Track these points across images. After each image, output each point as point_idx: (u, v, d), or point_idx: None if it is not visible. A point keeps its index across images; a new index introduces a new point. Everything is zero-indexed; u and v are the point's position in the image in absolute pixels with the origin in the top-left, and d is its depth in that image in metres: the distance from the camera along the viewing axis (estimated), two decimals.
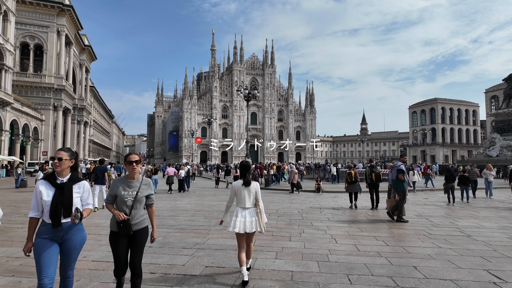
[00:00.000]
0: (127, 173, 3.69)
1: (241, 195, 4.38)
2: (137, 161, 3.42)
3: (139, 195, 3.35)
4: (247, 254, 4.38)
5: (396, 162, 9.48)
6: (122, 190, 3.34)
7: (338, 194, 17.44)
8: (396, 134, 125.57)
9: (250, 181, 4.46)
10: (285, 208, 11.16)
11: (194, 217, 9.11)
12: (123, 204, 3.30)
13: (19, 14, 45.73)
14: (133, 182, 3.41)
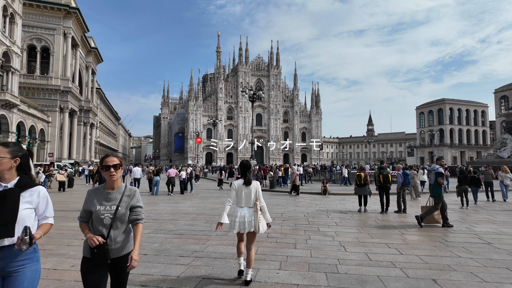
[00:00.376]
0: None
1: (241, 194, 4.31)
2: (116, 166, 2.63)
3: (120, 211, 2.57)
4: (248, 262, 4.25)
5: (434, 165, 8.87)
6: (98, 204, 2.57)
7: (345, 196, 16.90)
8: (403, 135, 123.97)
9: (251, 180, 4.37)
10: (291, 212, 10.70)
11: (195, 221, 8.71)
12: (100, 223, 2.54)
13: (26, 17, 46.16)
14: (112, 194, 2.63)
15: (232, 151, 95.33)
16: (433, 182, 8.51)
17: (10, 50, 36.52)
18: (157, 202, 13.08)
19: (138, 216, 2.67)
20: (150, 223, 8.26)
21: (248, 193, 4.31)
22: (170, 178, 16.90)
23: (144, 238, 6.59)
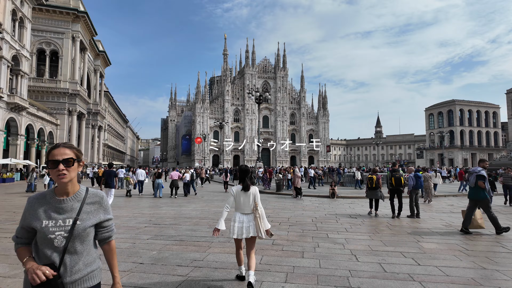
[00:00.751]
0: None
1: (240, 200, 4.25)
2: (67, 161, 1.78)
3: (79, 226, 1.76)
4: (249, 265, 4.17)
5: (475, 168, 8.34)
6: (45, 218, 1.76)
7: (354, 200, 16.35)
8: (412, 137, 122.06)
9: (249, 186, 4.30)
10: (298, 216, 10.24)
11: (197, 226, 8.34)
12: (48, 246, 1.73)
13: (36, 21, 46.84)
14: (67, 202, 1.80)
15: (239, 153, 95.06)
16: (474, 185, 7.99)
17: (19, 54, 36.99)
18: (160, 206, 12.77)
19: (110, 233, 1.94)
20: (150, 228, 7.93)
21: (247, 198, 4.25)
22: (173, 181, 16.71)
23: (142, 244, 6.25)
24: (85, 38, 55.14)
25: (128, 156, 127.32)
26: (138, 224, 8.49)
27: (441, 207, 13.76)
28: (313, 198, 16.82)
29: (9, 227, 7.91)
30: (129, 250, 5.81)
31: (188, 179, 17.25)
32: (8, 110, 34.83)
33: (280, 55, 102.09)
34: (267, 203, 14.01)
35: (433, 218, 10.51)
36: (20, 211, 10.98)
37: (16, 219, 9.23)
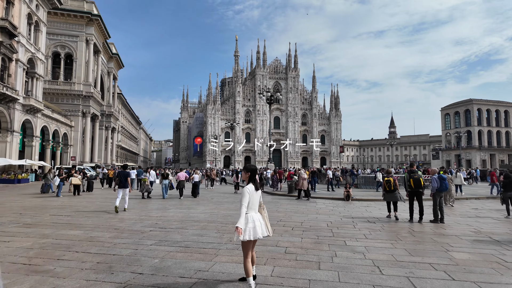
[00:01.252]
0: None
1: (253, 199, 4.21)
2: None
3: None
4: (253, 260, 4.28)
5: None
6: None
7: (370, 202, 15.59)
8: (427, 137, 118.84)
9: (259, 186, 4.36)
10: (312, 220, 9.64)
11: (205, 230, 7.87)
12: None
13: (51, 25, 47.79)
14: None
15: (250, 154, 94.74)
16: None
17: (35, 57, 37.68)
18: (168, 208, 12.39)
19: None
20: (156, 233, 7.52)
21: (257, 198, 4.29)
22: (180, 182, 16.59)
23: (144, 251, 5.82)
24: (99, 41, 55.95)
25: (141, 157, 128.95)
26: (143, 227, 8.11)
27: (465, 211, 12.88)
28: (327, 201, 16.14)
29: (11, 230, 7.66)
30: (130, 258, 5.39)
31: (197, 180, 17.08)
32: (24, 112, 35.48)
33: (291, 56, 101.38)
34: (278, 206, 13.46)
35: (459, 223, 9.72)
36: (29, 212, 10.82)
37: (21, 221, 9.01)
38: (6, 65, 32.35)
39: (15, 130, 33.70)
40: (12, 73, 33.16)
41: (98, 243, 6.37)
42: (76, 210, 11.47)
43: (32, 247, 6.00)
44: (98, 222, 8.86)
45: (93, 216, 10.02)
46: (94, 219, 9.41)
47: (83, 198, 15.77)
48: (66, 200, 14.85)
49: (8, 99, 31.77)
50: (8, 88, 31.17)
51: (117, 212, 10.73)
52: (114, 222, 8.82)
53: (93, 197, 16.39)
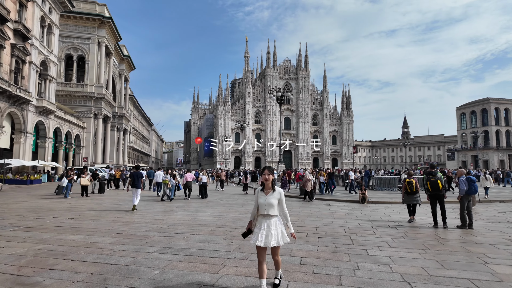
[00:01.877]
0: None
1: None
2: None
3: None
4: (275, 265, 4.16)
5: None
6: None
7: (388, 205, 14.76)
8: (442, 137, 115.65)
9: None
10: (327, 225, 8.97)
11: (212, 236, 7.32)
12: None
13: (64, 28, 48.49)
14: None
15: (260, 155, 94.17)
16: None
17: (47, 59, 38.15)
18: (175, 210, 11.91)
19: None
20: (160, 238, 7.01)
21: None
22: (187, 183, 16.54)
23: (145, 260, 5.30)
24: (110, 43, 56.52)
25: (152, 158, 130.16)
26: (147, 232, 7.62)
27: (492, 215, 11.95)
28: (341, 203, 15.39)
29: (9, 234, 7.28)
30: (128, 268, 4.87)
31: (205, 181, 17.00)
32: (37, 113, 35.91)
33: (302, 56, 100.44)
34: (290, 208, 12.81)
35: (489, 229, 8.87)
36: (32, 215, 10.53)
37: (22, 224, 8.67)
38: (19, 67, 32.78)
39: (28, 132, 34.10)
40: (25, 75, 33.59)
41: (97, 249, 5.89)
42: (80, 212, 11.12)
43: (26, 254, 5.58)
44: (101, 225, 8.44)
45: (97, 218, 9.62)
46: (97, 222, 9.01)
47: (91, 200, 15.50)
48: (74, 201, 14.59)
49: (22, 101, 32.16)
50: (21, 90, 31.54)
51: (133, 210, 11.48)
52: (118, 226, 8.38)
53: (101, 199, 16.12)
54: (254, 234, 3.94)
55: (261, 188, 4.11)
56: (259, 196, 4.02)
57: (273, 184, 4.07)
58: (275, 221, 3.97)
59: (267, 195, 3.98)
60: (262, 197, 3.98)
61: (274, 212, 3.96)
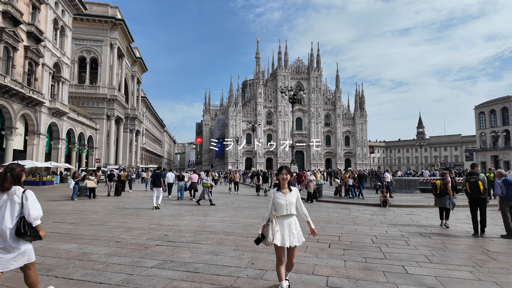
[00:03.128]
0: None
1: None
2: None
3: None
4: (288, 267, 4.04)
5: None
6: None
7: (412, 209, 13.59)
8: (459, 137, 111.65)
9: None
10: (351, 233, 7.97)
11: (221, 246, 6.45)
12: None
13: (78, 31, 49.00)
14: None
15: (272, 156, 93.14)
16: None
17: (60, 61, 38.42)
18: (183, 214, 11.11)
19: None
20: (162, 248, 6.20)
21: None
22: (193, 183, 16.67)
23: (140, 277, 4.46)
24: (122, 45, 56.83)
25: (165, 159, 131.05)
26: (149, 241, 6.83)
27: None
28: (361, 207, 14.29)
29: None
30: None
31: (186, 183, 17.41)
32: (50, 115, 36.12)
33: (314, 55, 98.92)
34: None
35: None
36: None
37: None
38: (32, 69, 33.01)
39: (41, 133, 34.29)
40: (38, 77, 33.81)
41: (89, 263, 5.12)
42: (83, 216, 10.49)
43: None
44: (101, 232, 7.73)
45: (98, 224, 8.93)
46: (97, 228, 8.30)
47: (97, 202, 14.95)
48: (79, 204, 14.06)
49: (35, 103, 32.33)
50: (34, 92, 31.70)
51: (156, 208, 12.43)
52: (118, 233, 7.64)
53: (109, 201, 15.56)
54: (275, 236, 3.82)
55: (277, 189, 4.04)
56: (277, 196, 3.95)
57: (289, 184, 4.09)
58: (295, 220, 4.01)
59: (286, 194, 3.96)
60: (281, 197, 3.94)
61: (294, 211, 4.01)
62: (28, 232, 3.25)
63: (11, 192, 3.33)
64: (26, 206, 3.31)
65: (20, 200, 3.32)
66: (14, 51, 29.58)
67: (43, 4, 34.08)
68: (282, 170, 4.04)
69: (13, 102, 29.33)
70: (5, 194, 3.31)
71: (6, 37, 28.15)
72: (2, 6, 27.61)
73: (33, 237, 3.31)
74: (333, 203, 15.88)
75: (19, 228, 3.23)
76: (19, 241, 3.26)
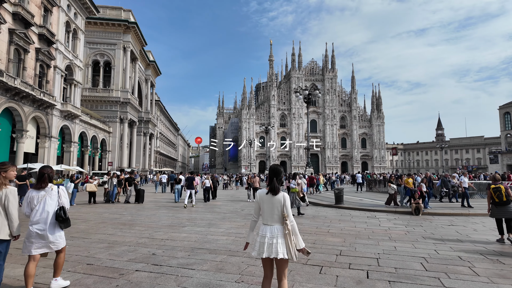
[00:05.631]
0: None
1: (264, 207, 3.43)
2: None
3: None
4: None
5: None
6: None
7: (451, 218, 11.60)
8: (482, 139, 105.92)
9: (277, 189, 3.41)
10: (391, 254, 6.19)
11: (220, 273, 4.79)
12: None
13: (91, 35, 49.14)
14: None
15: (286, 159, 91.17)
16: None
17: (73, 64, 38.20)
18: (183, 225, 9.49)
19: None
20: (142, 276, 4.62)
21: (272, 206, 3.37)
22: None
23: None
24: (136, 48, 56.74)
25: (179, 162, 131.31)
26: (129, 263, 5.32)
27: None
28: (390, 215, 12.40)
29: None
30: None
31: (208, 185, 17.44)
32: (62, 118, 35.81)
33: (328, 56, 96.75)
34: (329, 222, 10.15)
35: None
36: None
37: None
38: (44, 72, 32.74)
39: (53, 136, 33.93)
40: (50, 80, 33.53)
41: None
42: (80, 225, 9.14)
43: None
44: (76, 248, 6.27)
45: (81, 236, 7.53)
46: (77, 242, 6.89)
47: (95, 208, 13.70)
48: (75, 210, 12.82)
49: (46, 105, 31.98)
50: (45, 94, 31.35)
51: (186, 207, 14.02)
52: (97, 250, 6.15)
53: (108, 207, 14.32)
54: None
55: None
56: (264, 200, 3.44)
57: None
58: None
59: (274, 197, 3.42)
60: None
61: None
62: (67, 218, 4.12)
63: (48, 189, 4.16)
64: (63, 198, 4.23)
65: (57, 194, 4.22)
66: (25, 53, 29.29)
67: (55, 7, 33.88)
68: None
69: (23, 104, 28.98)
70: (43, 190, 4.13)
71: (17, 39, 27.84)
72: (13, 8, 27.35)
73: (66, 222, 4.15)
74: (356, 210, 14.04)
75: (59, 215, 4.06)
76: (56, 229, 4.08)
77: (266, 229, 3.34)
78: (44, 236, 3.92)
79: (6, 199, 3.78)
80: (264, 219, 3.42)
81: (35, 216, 3.98)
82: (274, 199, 3.37)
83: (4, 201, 3.78)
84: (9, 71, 26.94)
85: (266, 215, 3.39)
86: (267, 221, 3.39)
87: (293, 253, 3.26)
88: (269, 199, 3.39)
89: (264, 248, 3.25)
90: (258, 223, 3.50)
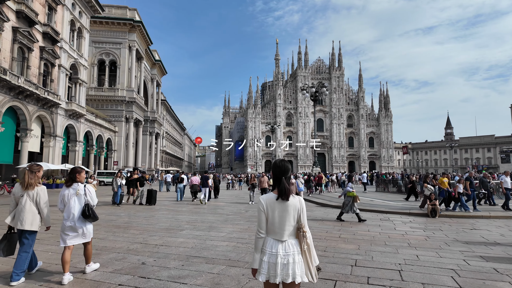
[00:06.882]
0: None
1: (274, 217, 2.62)
2: None
3: None
4: None
5: None
6: None
7: (471, 220, 10.73)
8: (493, 138, 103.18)
9: (289, 192, 2.63)
10: (414, 265, 5.42)
11: None
12: None
13: (97, 34, 49.01)
14: None
15: (292, 158, 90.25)
16: None
17: (77, 63, 37.99)
18: (182, 228, 8.81)
19: None
20: None
21: (285, 215, 2.60)
22: (193, 185, 16.90)
23: None
24: (141, 48, 56.50)
25: (185, 162, 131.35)
26: (113, 275, 4.66)
27: None
28: (404, 218, 11.56)
29: None
30: None
31: (211, 184, 17.42)
32: (67, 117, 35.62)
33: (335, 54, 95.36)
34: (340, 226, 9.39)
35: None
36: None
37: None
38: (48, 70, 32.54)
39: (58, 135, 33.73)
40: (54, 78, 33.33)
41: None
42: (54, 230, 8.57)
43: None
44: (56, 256, 5.69)
45: None
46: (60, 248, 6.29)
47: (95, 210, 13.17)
48: None
49: (50, 104, 31.77)
50: (49, 93, 31.13)
51: (202, 203, 15.39)
52: (81, 257, 5.50)
53: (112, 208, 13.78)
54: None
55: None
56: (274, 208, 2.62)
57: None
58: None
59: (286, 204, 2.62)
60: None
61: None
62: (91, 214, 4.63)
63: (75, 187, 4.66)
64: (89, 196, 4.73)
65: (83, 192, 4.69)
66: (29, 51, 29.08)
67: (60, 5, 33.67)
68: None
69: (28, 103, 28.77)
70: (71, 188, 4.65)
71: (21, 37, 27.62)
72: (16, 6, 27.13)
73: (94, 218, 4.68)
74: (368, 211, 13.22)
75: (85, 211, 4.59)
76: (85, 222, 4.65)
77: (277, 245, 2.58)
78: (75, 228, 4.46)
79: (37, 196, 4.46)
80: (272, 232, 2.65)
81: (66, 212, 4.52)
82: (288, 206, 2.63)
83: (36, 198, 4.44)
84: (12, 70, 26.73)
85: (277, 227, 2.63)
86: (278, 235, 2.63)
87: (314, 274, 2.61)
88: (281, 206, 2.63)
89: (276, 270, 2.50)
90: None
